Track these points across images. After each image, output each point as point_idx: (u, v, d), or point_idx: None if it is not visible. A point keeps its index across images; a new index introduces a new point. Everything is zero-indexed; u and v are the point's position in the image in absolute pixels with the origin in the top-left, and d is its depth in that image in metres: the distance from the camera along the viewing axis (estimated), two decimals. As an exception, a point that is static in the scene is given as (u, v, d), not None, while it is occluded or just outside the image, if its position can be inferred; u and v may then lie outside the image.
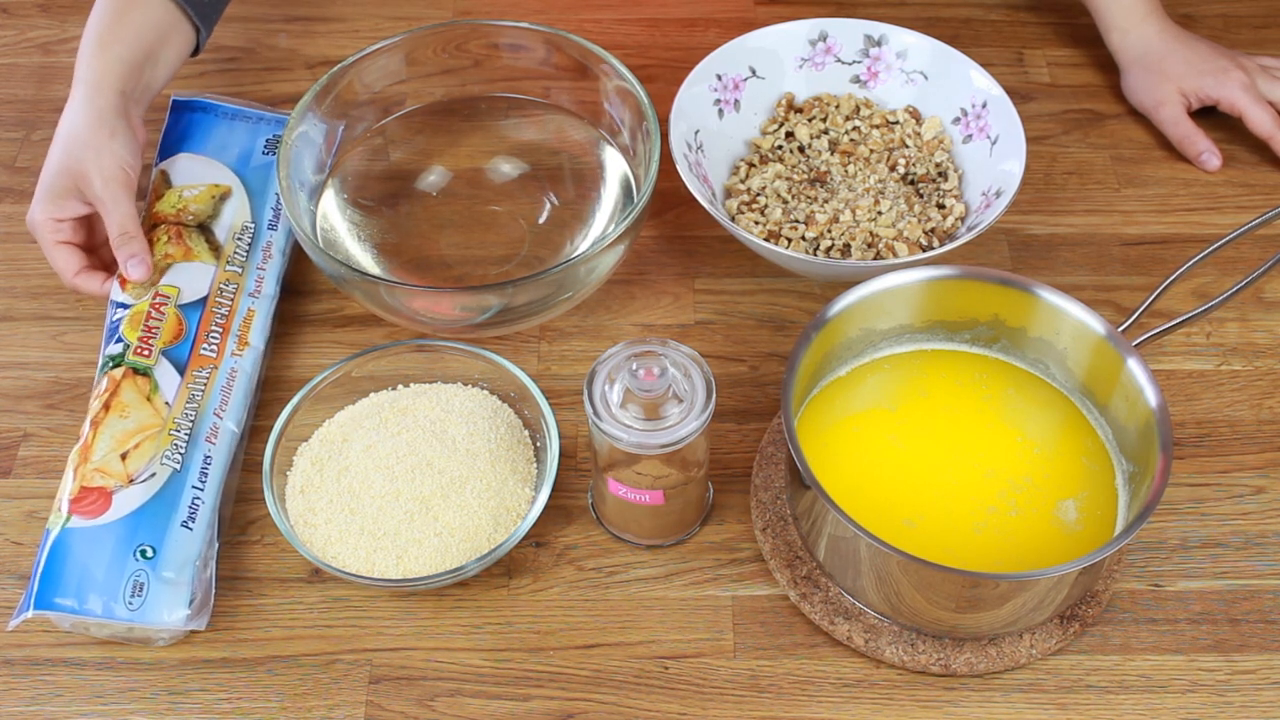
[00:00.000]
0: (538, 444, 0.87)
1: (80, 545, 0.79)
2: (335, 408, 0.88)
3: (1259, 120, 1.03)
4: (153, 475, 0.82)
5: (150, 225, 0.96)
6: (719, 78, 1.01)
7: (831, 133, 1.02)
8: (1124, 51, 1.09)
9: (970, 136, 1.00)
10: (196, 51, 1.01)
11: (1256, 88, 1.04)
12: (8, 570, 0.85)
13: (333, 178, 1.00)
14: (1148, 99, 1.07)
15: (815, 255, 0.94)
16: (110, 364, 0.87)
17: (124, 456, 0.83)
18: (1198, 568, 0.84)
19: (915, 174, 0.99)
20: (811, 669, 0.80)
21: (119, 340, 0.88)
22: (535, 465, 0.86)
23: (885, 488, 0.82)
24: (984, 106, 0.99)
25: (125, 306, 0.90)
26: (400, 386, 0.89)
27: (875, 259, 0.93)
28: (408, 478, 0.83)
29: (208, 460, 0.85)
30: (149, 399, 0.85)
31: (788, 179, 0.99)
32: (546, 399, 0.86)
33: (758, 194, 0.99)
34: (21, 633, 0.82)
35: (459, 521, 0.82)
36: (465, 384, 0.89)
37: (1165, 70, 1.06)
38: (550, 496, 0.83)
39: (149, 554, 0.80)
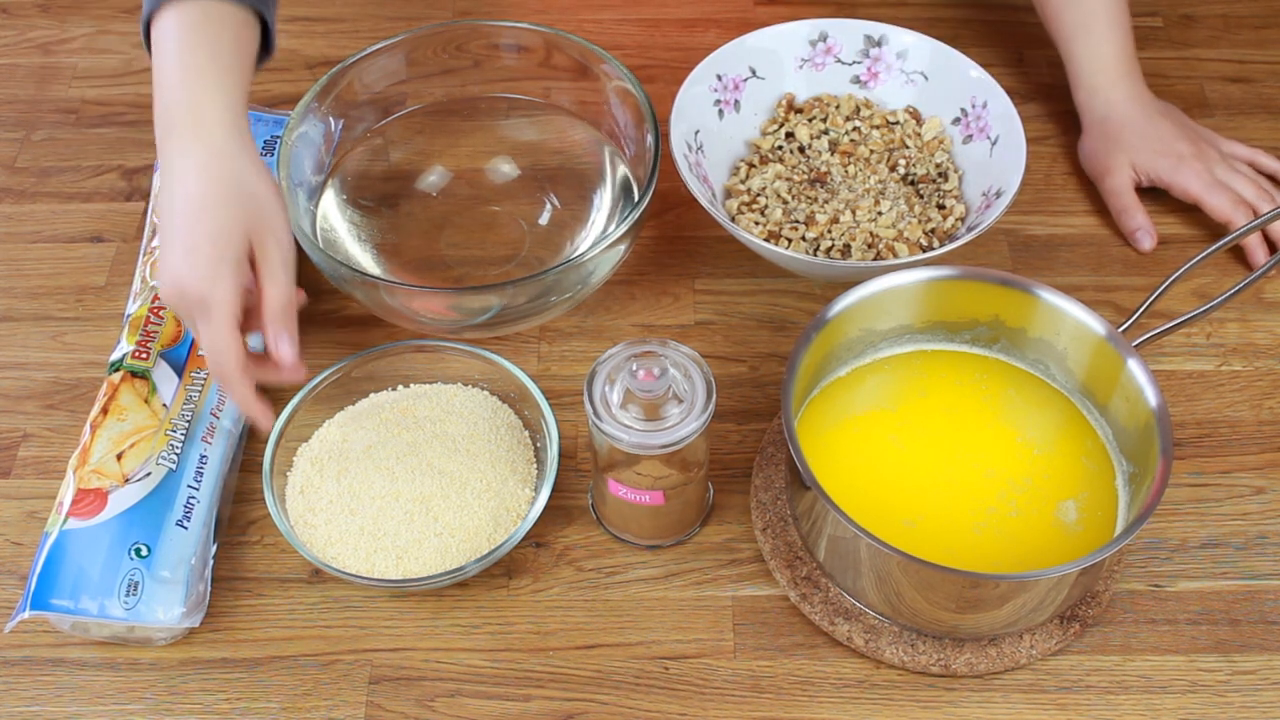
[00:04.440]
0: (538, 444, 0.87)
1: (77, 546, 0.79)
2: (335, 408, 0.88)
3: (1217, 206, 0.98)
4: (148, 475, 0.82)
5: (152, 229, 0.96)
6: (719, 78, 1.01)
7: (832, 133, 1.02)
8: (1088, 112, 1.04)
9: (970, 137, 1.00)
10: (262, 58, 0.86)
11: (1213, 175, 0.99)
12: (8, 571, 0.85)
13: (332, 178, 1.00)
14: (1098, 165, 1.03)
15: (815, 256, 0.94)
16: (110, 369, 0.87)
17: (119, 456, 0.83)
18: (1198, 568, 0.84)
19: (915, 174, 0.99)
20: (812, 669, 0.80)
21: (119, 345, 0.89)
22: (535, 466, 0.86)
23: (885, 488, 0.81)
24: (984, 107, 0.99)
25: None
26: (400, 387, 0.89)
27: (875, 259, 0.93)
28: (407, 478, 0.83)
29: (204, 460, 0.85)
30: (147, 401, 0.85)
31: (788, 179, 0.99)
32: (547, 400, 0.86)
33: (758, 194, 0.99)
34: (22, 633, 0.82)
35: (459, 522, 0.82)
36: (465, 384, 0.89)
37: (1121, 140, 1.01)
38: (550, 497, 0.83)
39: (144, 553, 0.80)
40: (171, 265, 0.76)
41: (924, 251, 0.93)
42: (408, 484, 0.83)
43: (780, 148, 1.02)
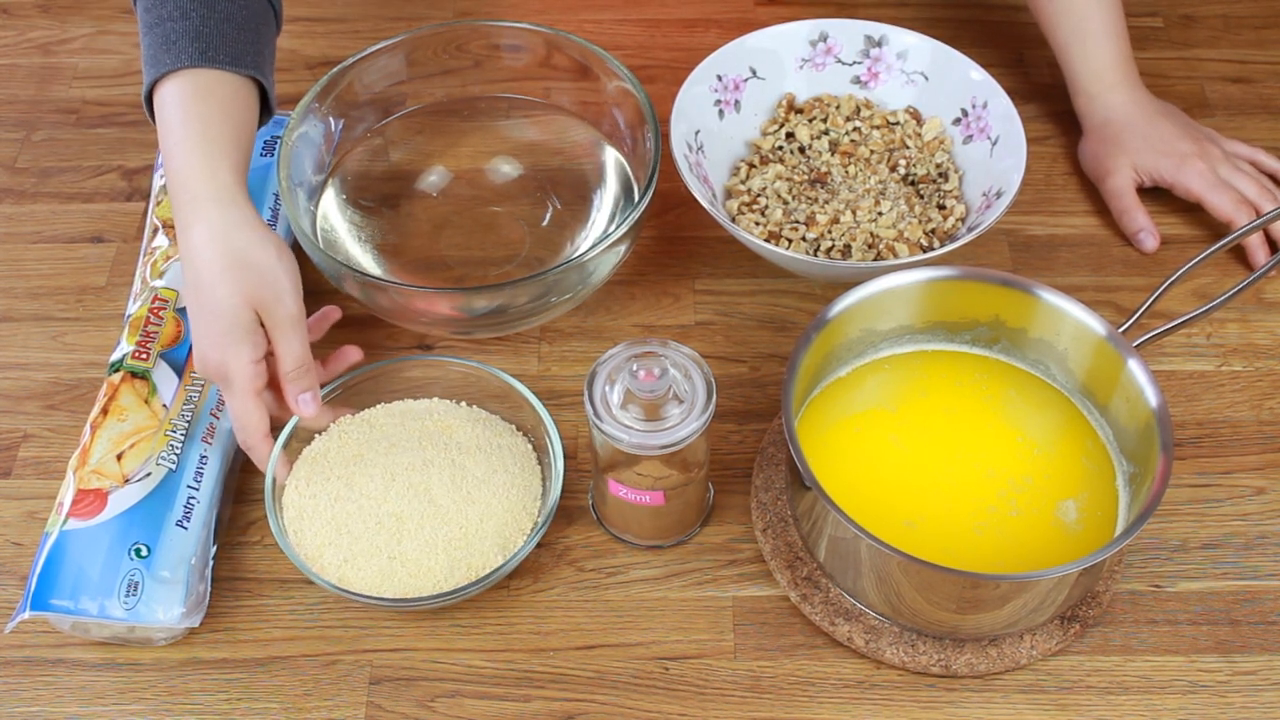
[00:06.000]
0: (541, 459, 0.86)
1: (77, 546, 0.79)
2: (341, 414, 0.87)
3: (1219, 205, 0.98)
4: (148, 475, 0.82)
5: (152, 230, 0.96)
6: (719, 78, 1.01)
7: (832, 133, 1.02)
8: (1088, 117, 1.04)
9: (971, 137, 1.00)
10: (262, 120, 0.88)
11: (1216, 175, 0.99)
12: (8, 571, 0.85)
13: (333, 178, 1.00)
14: (1098, 167, 1.03)
15: (816, 256, 0.94)
16: (110, 369, 0.87)
17: (119, 457, 0.83)
18: (1198, 569, 0.84)
19: (916, 175, 0.99)
20: (812, 670, 0.80)
21: (119, 345, 0.89)
22: (540, 481, 0.85)
23: (885, 488, 0.81)
24: (984, 107, 0.99)
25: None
26: (403, 400, 0.88)
27: (876, 260, 0.93)
28: (405, 494, 0.82)
29: (204, 460, 0.85)
30: (147, 401, 0.85)
31: (788, 180, 0.99)
32: (556, 426, 0.85)
33: (758, 195, 0.99)
34: (22, 634, 0.82)
35: (460, 540, 0.81)
36: (470, 402, 0.88)
37: (1122, 142, 1.01)
38: (544, 534, 0.82)
39: (143, 553, 0.80)
40: (196, 341, 0.82)
41: (924, 252, 0.93)
42: (407, 500, 0.82)
43: (780, 148, 1.02)
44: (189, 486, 0.83)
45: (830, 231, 0.95)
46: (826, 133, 1.03)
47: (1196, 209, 1.01)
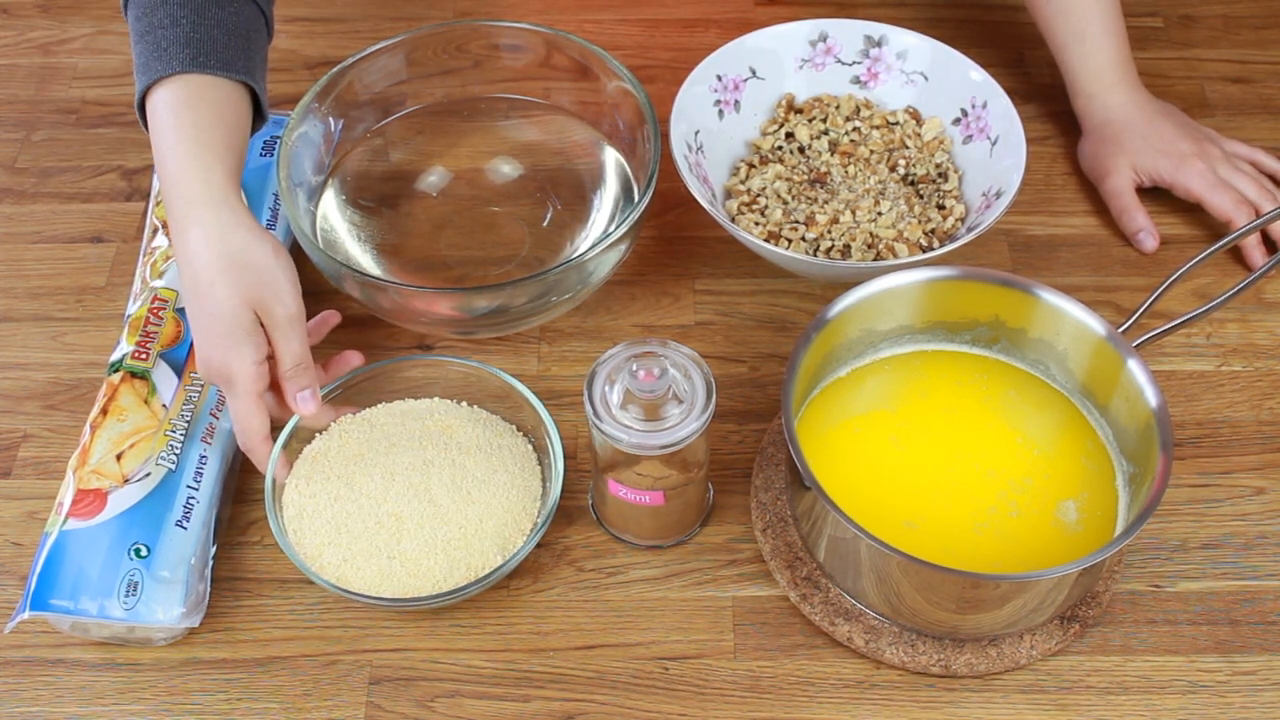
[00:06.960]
0: (541, 459, 0.86)
1: (76, 546, 0.79)
2: (343, 413, 0.87)
3: (1219, 205, 0.98)
4: (147, 475, 0.82)
5: (152, 230, 0.96)
6: (719, 78, 1.01)
7: (832, 133, 1.02)
8: (1087, 117, 1.05)
9: (970, 137, 1.00)
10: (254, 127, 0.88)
11: (1216, 175, 0.99)
12: (8, 571, 0.85)
13: (333, 178, 1.00)
14: (1097, 167, 1.03)
15: (815, 256, 0.94)
16: (110, 369, 0.87)
17: (119, 457, 0.83)
18: (1198, 569, 0.84)
19: (915, 175, 0.99)
20: (812, 670, 0.80)
21: (119, 345, 0.89)
22: (540, 481, 0.85)
23: (885, 489, 0.81)
24: (984, 107, 0.99)
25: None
26: (403, 400, 0.88)
27: (875, 260, 0.93)
28: (405, 494, 0.82)
29: (203, 460, 0.85)
30: (146, 401, 0.85)
31: (788, 180, 0.99)
32: (556, 427, 0.85)
33: (758, 195, 0.99)
34: (22, 634, 0.82)
35: (460, 540, 0.81)
36: (470, 402, 0.88)
37: (1121, 143, 1.01)
38: (544, 533, 0.82)
39: (143, 553, 0.80)
40: (197, 344, 0.82)
41: (924, 252, 0.93)
42: (406, 500, 0.82)
43: (780, 148, 1.02)
44: (189, 486, 0.83)
45: (830, 231, 0.95)
46: (826, 133, 1.03)
47: (1196, 209, 1.01)
